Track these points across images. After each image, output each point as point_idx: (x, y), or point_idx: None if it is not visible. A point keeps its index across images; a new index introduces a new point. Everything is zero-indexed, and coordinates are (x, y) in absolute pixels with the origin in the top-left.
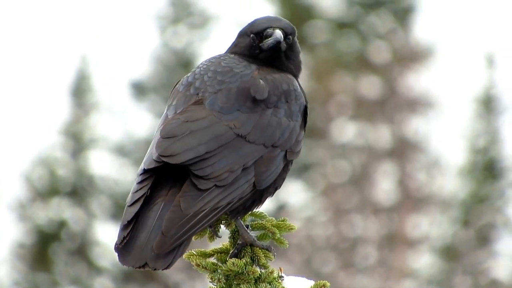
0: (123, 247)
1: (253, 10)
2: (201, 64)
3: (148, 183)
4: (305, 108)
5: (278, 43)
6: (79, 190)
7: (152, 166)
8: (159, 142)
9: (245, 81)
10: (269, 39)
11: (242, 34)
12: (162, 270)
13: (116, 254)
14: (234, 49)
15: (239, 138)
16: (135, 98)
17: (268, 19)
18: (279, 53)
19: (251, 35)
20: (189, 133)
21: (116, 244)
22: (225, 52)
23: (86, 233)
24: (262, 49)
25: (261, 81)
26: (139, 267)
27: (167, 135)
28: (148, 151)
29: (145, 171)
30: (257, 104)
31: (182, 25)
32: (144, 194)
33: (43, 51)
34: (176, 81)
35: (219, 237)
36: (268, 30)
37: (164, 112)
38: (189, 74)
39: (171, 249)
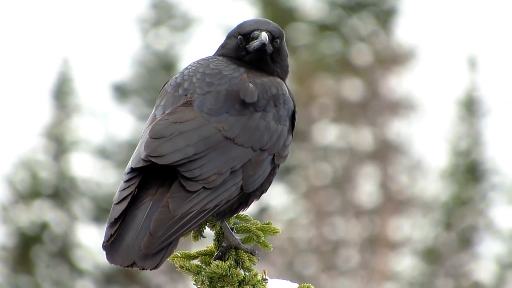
0: (111, 245)
1: (236, 13)
2: (189, 65)
3: (135, 182)
4: (293, 113)
5: (263, 45)
6: (61, 192)
7: (140, 165)
8: (148, 142)
9: (234, 84)
10: (255, 41)
11: (230, 36)
12: (150, 270)
13: (104, 252)
14: (222, 51)
15: (227, 140)
16: (117, 101)
17: (256, 21)
18: (264, 56)
19: (239, 37)
20: (177, 134)
21: (103, 242)
22: (214, 54)
23: (68, 236)
24: (248, 50)
25: (250, 84)
26: (127, 266)
27: (155, 135)
28: (136, 150)
29: (132, 170)
30: (246, 107)
31: (164, 27)
32: (131, 192)
33: (24, 54)
34: (158, 83)
35: (204, 237)
36: (255, 32)
37: (152, 112)
38: (177, 75)
39: (159, 250)
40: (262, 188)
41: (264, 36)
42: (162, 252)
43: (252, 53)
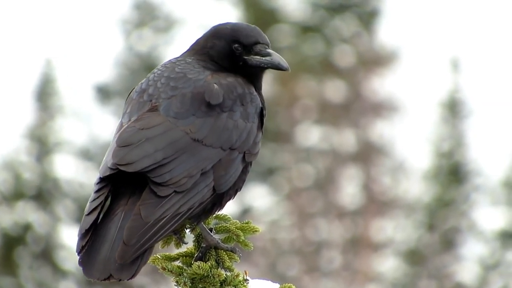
0: (87, 260)
1: (218, 14)
2: (156, 69)
3: (105, 192)
4: (262, 110)
5: (275, 67)
6: (44, 193)
7: (108, 173)
8: (116, 151)
9: (199, 86)
10: (265, 58)
11: (220, 37)
12: (127, 280)
13: (81, 267)
14: (209, 51)
15: (195, 142)
16: (99, 102)
17: (253, 30)
18: (263, 72)
19: (235, 45)
20: (145, 140)
21: (78, 257)
22: (188, 50)
23: (51, 237)
24: (247, 63)
25: (215, 85)
26: (104, 279)
27: (123, 143)
28: (104, 159)
29: (101, 180)
30: (212, 108)
31: (146, 29)
32: (101, 202)
33: (7, 55)
34: None
35: (185, 243)
36: (259, 45)
37: (120, 120)
38: (143, 81)
39: (134, 258)
40: (236, 187)
41: (276, 58)
42: (137, 261)
43: (255, 67)
